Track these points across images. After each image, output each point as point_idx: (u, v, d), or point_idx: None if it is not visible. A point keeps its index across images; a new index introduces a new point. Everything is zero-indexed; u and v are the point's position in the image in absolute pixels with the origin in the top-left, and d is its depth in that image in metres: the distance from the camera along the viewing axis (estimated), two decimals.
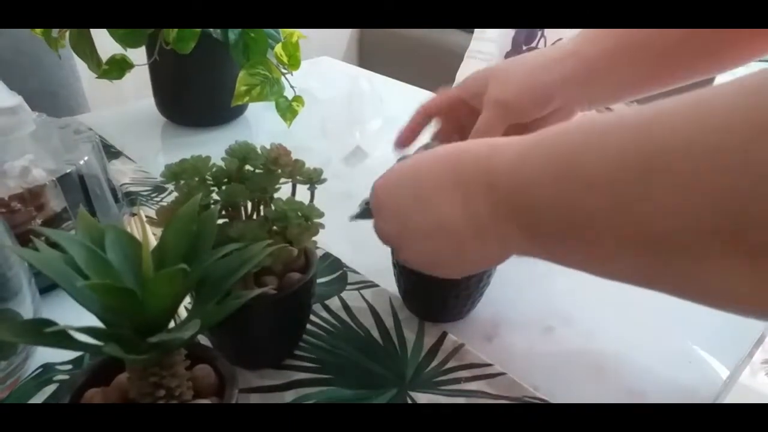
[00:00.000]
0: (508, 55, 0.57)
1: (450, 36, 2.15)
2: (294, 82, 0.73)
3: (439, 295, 0.45)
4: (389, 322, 0.47)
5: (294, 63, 0.72)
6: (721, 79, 0.32)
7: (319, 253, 0.54)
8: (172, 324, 0.31)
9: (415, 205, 0.36)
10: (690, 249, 0.24)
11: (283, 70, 0.72)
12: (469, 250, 0.35)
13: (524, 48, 0.56)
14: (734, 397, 0.44)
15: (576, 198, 0.28)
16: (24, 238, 0.43)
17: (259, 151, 0.40)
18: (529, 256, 0.34)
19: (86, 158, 0.51)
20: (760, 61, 0.44)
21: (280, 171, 0.40)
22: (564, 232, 0.30)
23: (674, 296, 0.28)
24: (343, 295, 0.50)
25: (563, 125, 0.30)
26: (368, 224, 0.43)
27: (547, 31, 0.56)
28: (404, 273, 0.46)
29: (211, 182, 0.39)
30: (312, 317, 0.46)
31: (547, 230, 0.31)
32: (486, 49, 0.60)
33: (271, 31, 0.72)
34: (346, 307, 0.48)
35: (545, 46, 0.55)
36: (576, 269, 0.31)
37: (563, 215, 0.29)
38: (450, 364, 0.43)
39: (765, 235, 0.22)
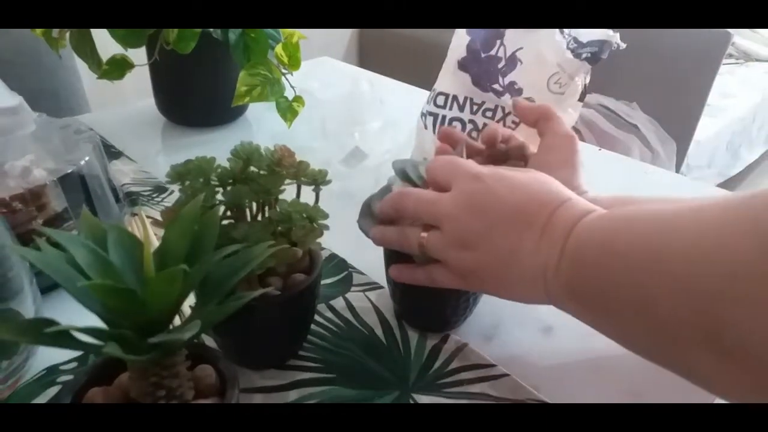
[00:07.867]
0: (463, 62, 0.58)
1: (450, 36, 2.14)
2: (294, 82, 0.73)
3: (438, 307, 0.45)
4: (393, 323, 0.47)
5: (294, 63, 0.72)
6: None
7: (325, 254, 0.54)
8: (177, 322, 0.31)
9: (501, 226, 0.37)
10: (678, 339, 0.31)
11: (284, 71, 0.72)
12: (518, 283, 0.38)
13: (483, 55, 0.56)
14: None
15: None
16: (25, 238, 0.43)
17: (263, 152, 0.40)
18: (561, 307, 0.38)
19: (87, 158, 0.51)
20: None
21: (284, 172, 0.40)
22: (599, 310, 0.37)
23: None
24: (348, 296, 0.50)
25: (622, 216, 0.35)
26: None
27: (506, 40, 0.56)
28: (400, 288, 0.45)
29: (216, 183, 0.39)
30: (316, 317, 0.47)
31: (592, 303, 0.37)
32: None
33: (272, 31, 0.72)
34: (350, 307, 0.48)
35: (505, 55, 0.55)
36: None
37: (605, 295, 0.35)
38: (453, 365, 0.43)
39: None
